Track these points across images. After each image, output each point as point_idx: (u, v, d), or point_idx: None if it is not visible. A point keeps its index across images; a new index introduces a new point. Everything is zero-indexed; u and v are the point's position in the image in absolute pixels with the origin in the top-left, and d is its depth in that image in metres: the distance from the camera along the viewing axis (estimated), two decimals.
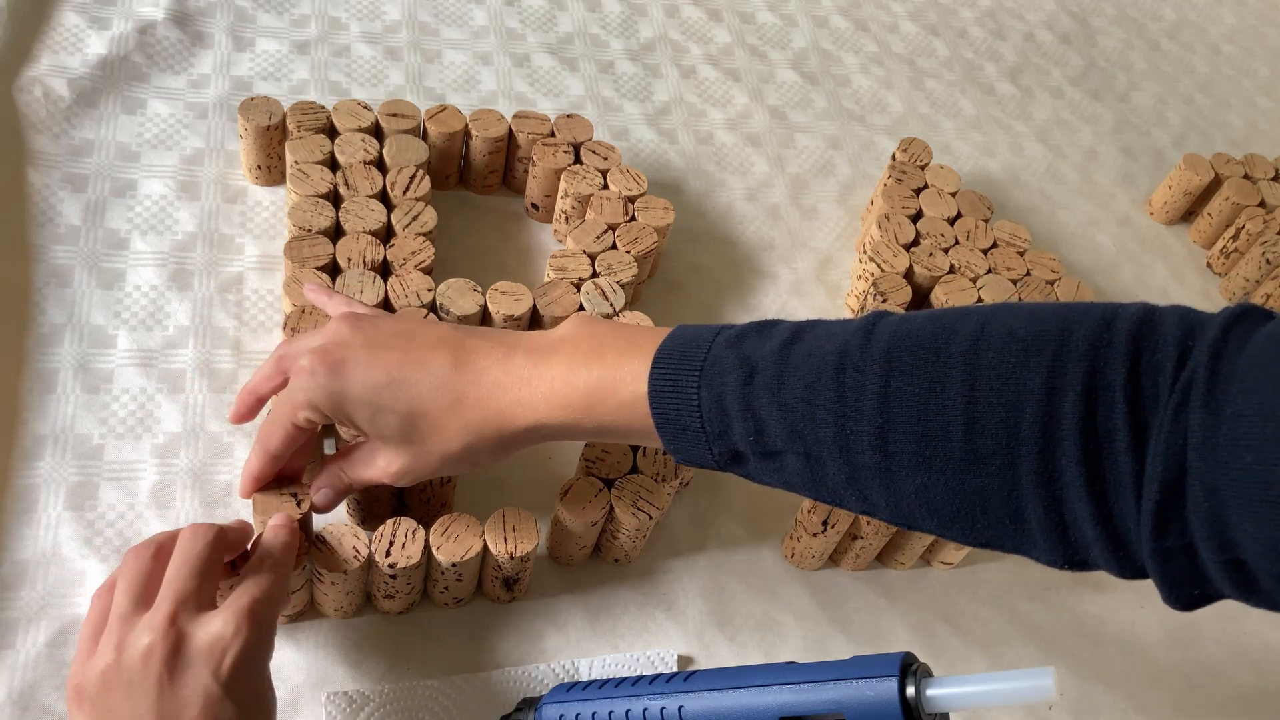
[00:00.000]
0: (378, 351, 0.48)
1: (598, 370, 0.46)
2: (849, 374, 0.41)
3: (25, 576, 0.54)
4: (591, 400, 0.46)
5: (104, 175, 0.69)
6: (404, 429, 0.48)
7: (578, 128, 0.75)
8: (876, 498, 0.42)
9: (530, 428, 0.47)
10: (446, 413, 0.47)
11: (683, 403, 0.44)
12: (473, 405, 0.47)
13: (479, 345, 0.48)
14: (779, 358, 0.43)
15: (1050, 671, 0.35)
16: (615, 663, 0.58)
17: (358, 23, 0.85)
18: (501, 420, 0.47)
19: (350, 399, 0.48)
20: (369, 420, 0.48)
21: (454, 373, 0.48)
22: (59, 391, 0.60)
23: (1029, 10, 1.11)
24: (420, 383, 0.47)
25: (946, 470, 0.39)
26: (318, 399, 0.48)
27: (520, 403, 0.47)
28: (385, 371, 0.47)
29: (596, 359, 0.46)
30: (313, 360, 0.48)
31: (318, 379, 0.48)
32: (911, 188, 0.81)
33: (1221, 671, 0.67)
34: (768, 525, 0.66)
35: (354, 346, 0.48)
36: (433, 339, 0.49)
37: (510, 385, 0.47)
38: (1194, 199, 0.94)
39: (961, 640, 0.64)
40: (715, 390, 0.43)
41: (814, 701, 0.39)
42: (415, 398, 0.47)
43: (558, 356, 0.47)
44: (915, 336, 0.41)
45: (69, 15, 0.76)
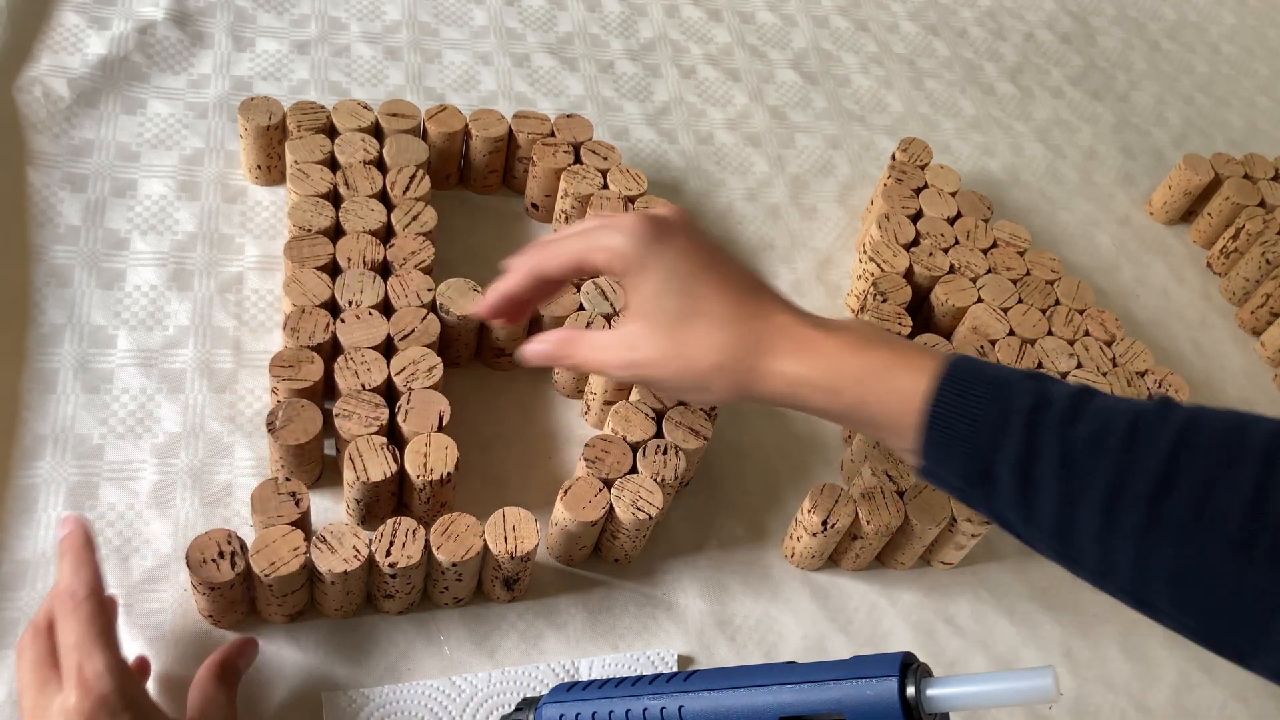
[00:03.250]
0: (699, 246, 0.51)
1: (886, 352, 0.47)
2: (1141, 433, 0.41)
3: (25, 576, 0.54)
4: (866, 377, 0.47)
5: (104, 175, 0.69)
6: (678, 318, 0.49)
7: (578, 128, 0.75)
8: (1120, 559, 0.41)
9: (788, 376, 0.48)
10: (723, 324, 0.49)
11: (963, 407, 0.45)
12: (750, 332, 0.49)
13: (779, 296, 0.51)
14: (1072, 402, 0.43)
15: (1050, 671, 0.35)
16: (615, 663, 0.58)
17: (358, 23, 0.85)
18: (766, 359, 0.49)
19: (653, 268, 0.50)
20: (653, 294, 0.50)
21: (751, 299, 0.50)
22: (59, 391, 0.60)
23: (1029, 10, 1.11)
24: (718, 289, 0.49)
25: (1211, 549, 0.39)
26: (630, 250, 0.50)
27: (793, 353, 0.48)
28: (697, 265, 0.50)
29: (886, 346, 0.48)
30: (640, 220, 0.51)
31: (639, 236, 0.50)
32: (911, 188, 0.81)
33: (1222, 672, 0.67)
34: (768, 525, 0.66)
35: (681, 231, 0.51)
36: (744, 268, 0.52)
37: (791, 335, 0.49)
38: (1194, 199, 0.94)
39: (961, 640, 0.64)
40: (1002, 406, 0.44)
41: (814, 701, 0.39)
42: (705, 296, 0.49)
43: (848, 332, 0.49)
44: (1214, 420, 0.42)
45: (69, 15, 0.76)
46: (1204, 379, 0.83)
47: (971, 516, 0.63)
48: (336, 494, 0.60)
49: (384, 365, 0.59)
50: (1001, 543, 0.70)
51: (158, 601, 0.54)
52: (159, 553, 0.56)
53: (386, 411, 0.58)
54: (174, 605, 0.54)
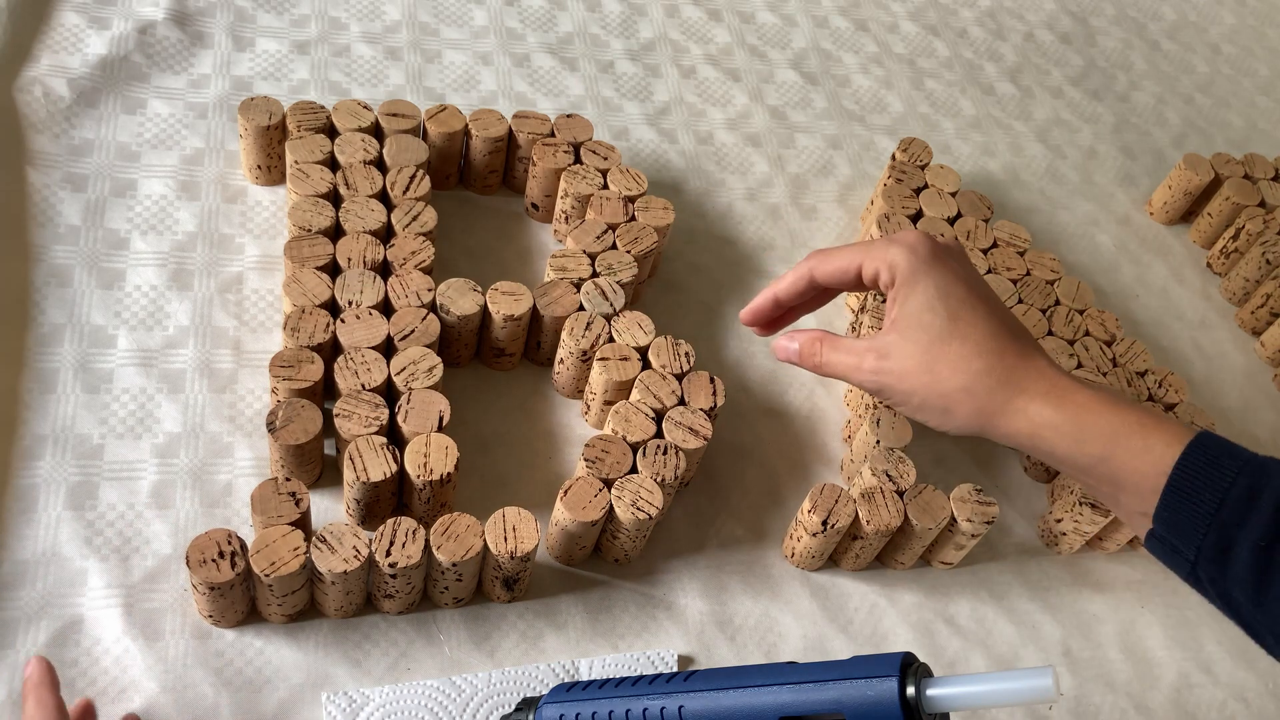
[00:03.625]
0: (972, 277, 0.52)
1: (1139, 414, 0.47)
2: None
3: (25, 576, 0.54)
4: (1117, 433, 0.46)
5: (104, 175, 0.69)
6: (939, 337, 0.50)
7: (578, 128, 0.75)
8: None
9: (1034, 416, 0.48)
10: (980, 352, 0.49)
11: (1212, 477, 0.44)
12: (1007, 368, 0.49)
13: (1039, 344, 0.52)
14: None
15: (1050, 671, 0.35)
16: (615, 663, 0.58)
17: (358, 23, 0.85)
18: (1017, 396, 0.49)
19: (925, 285, 0.50)
20: (919, 310, 0.50)
21: (1014, 339, 0.50)
22: (59, 391, 0.60)
23: (1029, 10, 1.11)
24: (984, 320, 0.50)
25: None
26: (906, 264, 0.51)
27: (1045, 395, 0.48)
28: (968, 293, 0.50)
29: (1140, 408, 0.47)
30: (922, 238, 0.52)
31: (918, 254, 0.51)
32: (911, 188, 0.81)
33: (1221, 672, 0.67)
34: (768, 525, 0.66)
35: (958, 259, 0.52)
36: (1010, 312, 0.52)
37: (1048, 378, 0.49)
38: (1194, 199, 0.94)
39: (961, 640, 0.64)
40: (1254, 483, 0.43)
41: (814, 701, 0.39)
42: (971, 323, 0.50)
43: (1102, 389, 0.49)
44: None
45: (69, 15, 0.76)
46: (1204, 379, 0.83)
47: (972, 517, 0.63)
48: (336, 494, 0.60)
49: (384, 365, 0.59)
50: (1001, 543, 0.70)
51: (158, 601, 0.54)
52: (159, 553, 0.56)
53: (386, 411, 0.58)
54: (174, 605, 0.54)
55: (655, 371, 0.64)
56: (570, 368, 0.66)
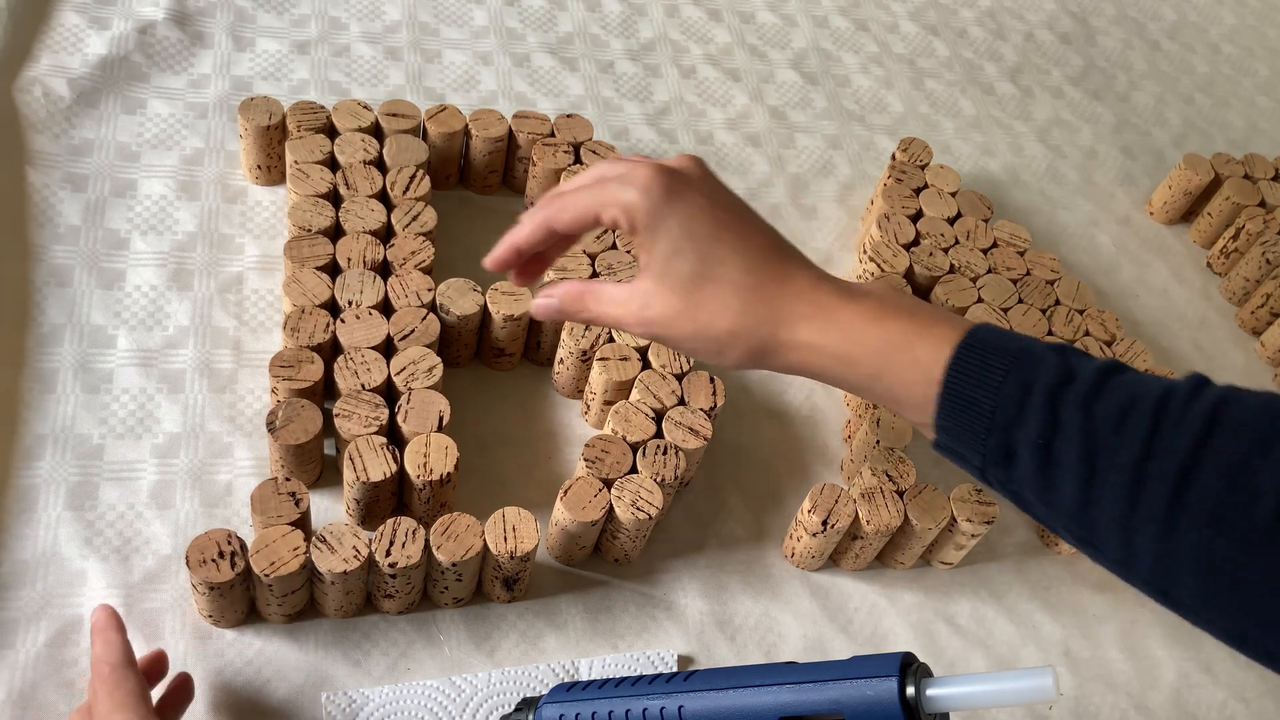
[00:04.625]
0: (716, 204, 0.48)
1: (905, 322, 0.45)
2: (1170, 411, 0.39)
3: (25, 576, 0.54)
4: (885, 349, 0.45)
5: (104, 175, 0.69)
6: (692, 281, 0.47)
7: (578, 128, 0.75)
8: (1143, 546, 0.39)
9: (804, 345, 0.46)
10: (739, 290, 0.47)
11: (984, 379, 0.43)
12: (766, 299, 0.47)
13: (799, 257, 0.49)
14: (1099, 377, 0.41)
15: (1050, 671, 0.35)
16: (615, 663, 0.58)
17: (358, 23, 0.85)
18: (783, 328, 0.47)
19: (668, 227, 0.47)
20: (667, 255, 0.47)
21: (768, 263, 0.47)
22: (59, 391, 0.60)
23: (1029, 10, 1.11)
24: (735, 252, 0.47)
25: (1237, 537, 0.37)
26: (643, 206, 0.47)
27: (810, 320, 0.46)
28: (714, 225, 0.47)
29: (908, 315, 0.46)
30: (655, 175, 0.48)
31: (652, 195, 0.47)
32: (911, 187, 0.81)
33: (1221, 671, 0.67)
34: (768, 525, 0.66)
35: (697, 188, 0.48)
36: (764, 227, 0.49)
37: (810, 301, 0.47)
38: (1194, 199, 0.94)
39: (961, 640, 0.64)
40: (1024, 379, 0.42)
41: (814, 701, 0.39)
42: (722, 259, 0.47)
43: (869, 299, 0.47)
44: (1246, 401, 0.39)
45: (69, 15, 0.76)
46: None
47: (972, 517, 0.63)
48: (336, 494, 0.60)
49: (384, 365, 0.59)
50: (1001, 543, 0.70)
51: (158, 601, 0.54)
52: (159, 553, 0.56)
53: (386, 411, 0.58)
54: (174, 605, 0.54)
55: (655, 371, 0.64)
56: (570, 368, 0.66)
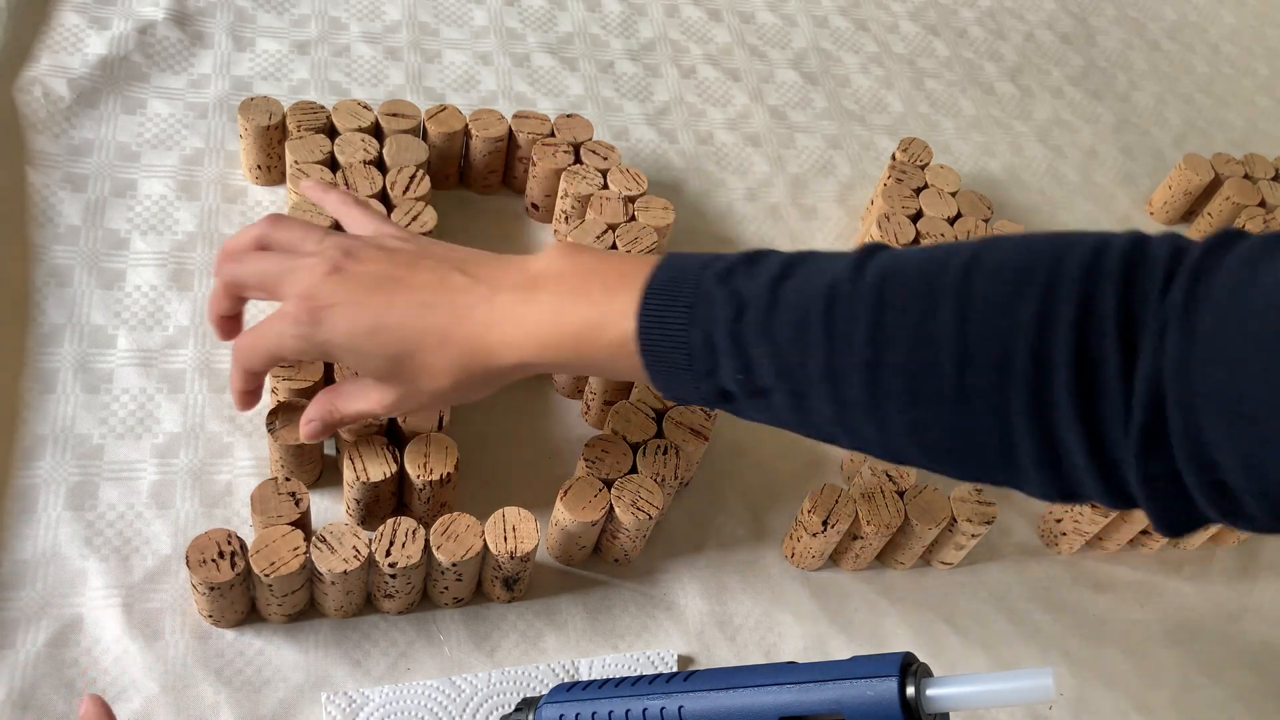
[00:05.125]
0: (363, 296, 0.48)
1: (584, 309, 0.46)
2: (839, 309, 0.41)
3: (25, 576, 0.54)
4: (580, 341, 0.46)
5: (104, 175, 0.69)
6: (391, 370, 0.48)
7: (578, 128, 0.75)
8: (867, 434, 0.42)
9: (519, 365, 0.48)
10: (433, 352, 0.48)
11: (671, 340, 0.44)
12: (459, 344, 0.47)
13: (462, 284, 0.48)
14: (769, 295, 0.42)
15: (1050, 671, 0.35)
16: (615, 663, 0.58)
17: (358, 23, 0.85)
18: (489, 358, 0.47)
19: (335, 345, 0.48)
20: (356, 363, 0.49)
21: (438, 315, 0.47)
22: (59, 391, 0.60)
23: (1029, 10, 1.11)
24: (405, 326, 0.47)
25: (937, 405, 0.39)
26: (301, 346, 0.49)
27: (506, 343, 0.47)
28: (371, 317, 0.48)
29: (583, 296, 0.46)
30: (296, 308, 0.48)
31: (301, 327, 0.48)
32: (911, 187, 0.81)
33: (1221, 671, 0.67)
34: (768, 525, 0.66)
35: (338, 293, 0.48)
36: (419, 281, 0.48)
37: (496, 324, 0.47)
38: (1194, 199, 0.94)
39: (961, 640, 0.64)
40: (704, 327, 0.43)
41: (814, 701, 0.39)
42: (400, 340, 0.47)
43: (543, 294, 0.47)
44: (906, 270, 0.41)
45: (69, 15, 0.76)
46: None
47: (972, 517, 0.63)
48: (336, 494, 0.60)
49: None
50: (1001, 543, 0.70)
51: (158, 601, 0.54)
52: (159, 553, 0.56)
53: None
54: (174, 605, 0.54)
55: None
56: None
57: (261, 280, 0.51)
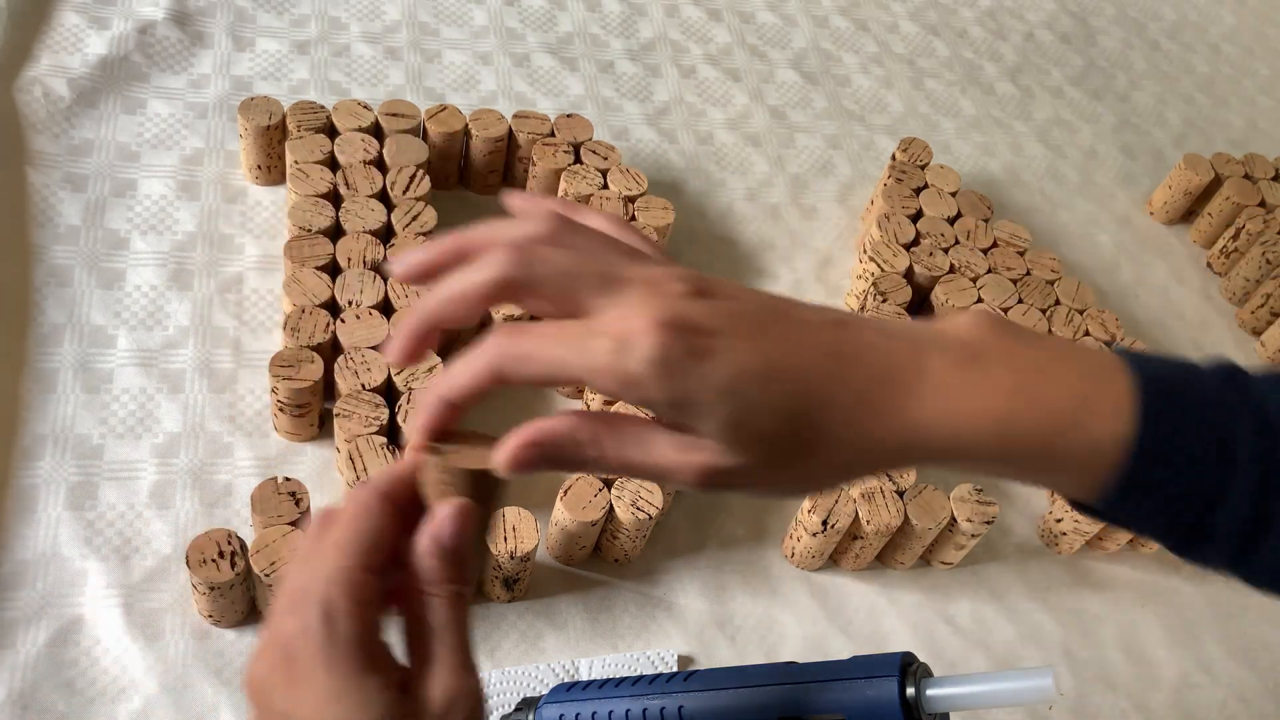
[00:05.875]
0: (753, 331, 0.35)
1: (1060, 393, 0.35)
2: None
3: (25, 576, 0.54)
4: (1048, 434, 0.35)
5: (104, 175, 0.69)
6: (776, 431, 0.34)
7: (578, 128, 0.75)
8: None
9: (951, 448, 0.36)
10: (844, 415, 0.35)
11: (1177, 456, 0.35)
12: (879, 410, 0.35)
13: (876, 339, 0.36)
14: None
15: (1050, 671, 0.35)
16: (615, 663, 0.58)
17: (358, 23, 0.85)
18: (915, 433, 0.35)
19: (710, 392, 0.33)
20: (729, 421, 0.34)
21: (855, 367, 0.35)
22: (59, 391, 0.60)
23: (1029, 10, 1.11)
24: (812, 376, 0.35)
25: None
26: (634, 381, 0.33)
27: (946, 418, 0.35)
28: (764, 359, 0.34)
29: (1055, 379, 0.36)
30: (656, 335, 0.33)
31: (662, 360, 0.33)
32: (911, 187, 0.81)
33: (1221, 671, 0.67)
34: (768, 525, 0.66)
35: (718, 321, 0.34)
36: (814, 320, 0.36)
37: (934, 392, 0.35)
38: (1194, 199, 0.94)
39: (961, 640, 0.64)
40: (1225, 452, 0.35)
41: (814, 701, 0.39)
42: (805, 394, 0.35)
43: (996, 366, 0.36)
44: None
45: (69, 15, 0.76)
46: None
47: (972, 517, 0.63)
48: (336, 494, 0.60)
49: (384, 365, 0.59)
50: (1001, 543, 0.70)
51: (158, 601, 0.54)
52: (159, 553, 0.56)
53: (386, 411, 0.58)
54: (174, 605, 0.54)
55: None
56: None
57: (572, 285, 0.36)
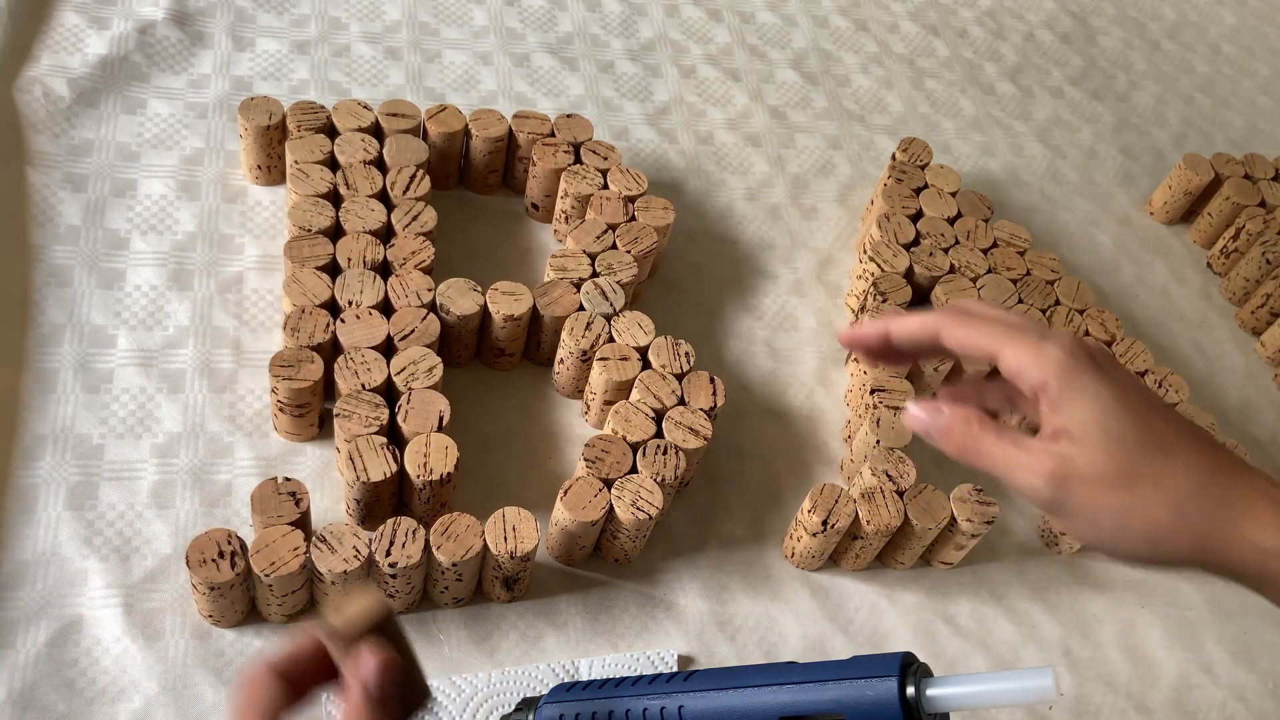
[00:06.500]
0: (1135, 382, 0.42)
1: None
2: None
3: (25, 576, 0.54)
4: None
5: (104, 175, 0.69)
6: (1136, 449, 0.40)
7: (578, 128, 0.75)
8: None
9: (1267, 549, 0.39)
10: (1191, 471, 0.40)
11: None
12: (1222, 488, 0.40)
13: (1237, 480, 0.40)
14: None
15: (1050, 671, 0.35)
16: (615, 663, 0.58)
17: (358, 23, 0.85)
18: (1240, 523, 0.40)
19: (1095, 391, 0.41)
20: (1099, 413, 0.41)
21: (1218, 450, 0.41)
22: (59, 391, 0.60)
23: (1029, 10, 1.11)
24: (1177, 427, 0.41)
25: None
26: (1060, 362, 0.41)
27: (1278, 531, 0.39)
28: (1147, 399, 0.41)
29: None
30: (1078, 343, 0.42)
31: (1077, 356, 0.41)
32: (911, 187, 0.81)
33: (1221, 671, 0.67)
34: (768, 525, 0.66)
35: (1114, 363, 0.42)
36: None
37: (1273, 498, 0.40)
38: (1194, 199, 0.94)
39: (961, 640, 0.64)
40: None
41: (814, 701, 0.39)
42: (1166, 433, 0.41)
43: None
44: None
45: (69, 15, 0.76)
46: (1204, 379, 0.83)
47: (971, 516, 0.63)
48: (336, 494, 0.60)
49: (384, 365, 0.59)
50: (1001, 543, 0.70)
51: (158, 601, 0.54)
52: (159, 553, 0.56)
53: (386, 411, 0.58)
54: (174, 605, 0.54)
55: (655, 371, 0.64)
56: (570, 368, 0.66)
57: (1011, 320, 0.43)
